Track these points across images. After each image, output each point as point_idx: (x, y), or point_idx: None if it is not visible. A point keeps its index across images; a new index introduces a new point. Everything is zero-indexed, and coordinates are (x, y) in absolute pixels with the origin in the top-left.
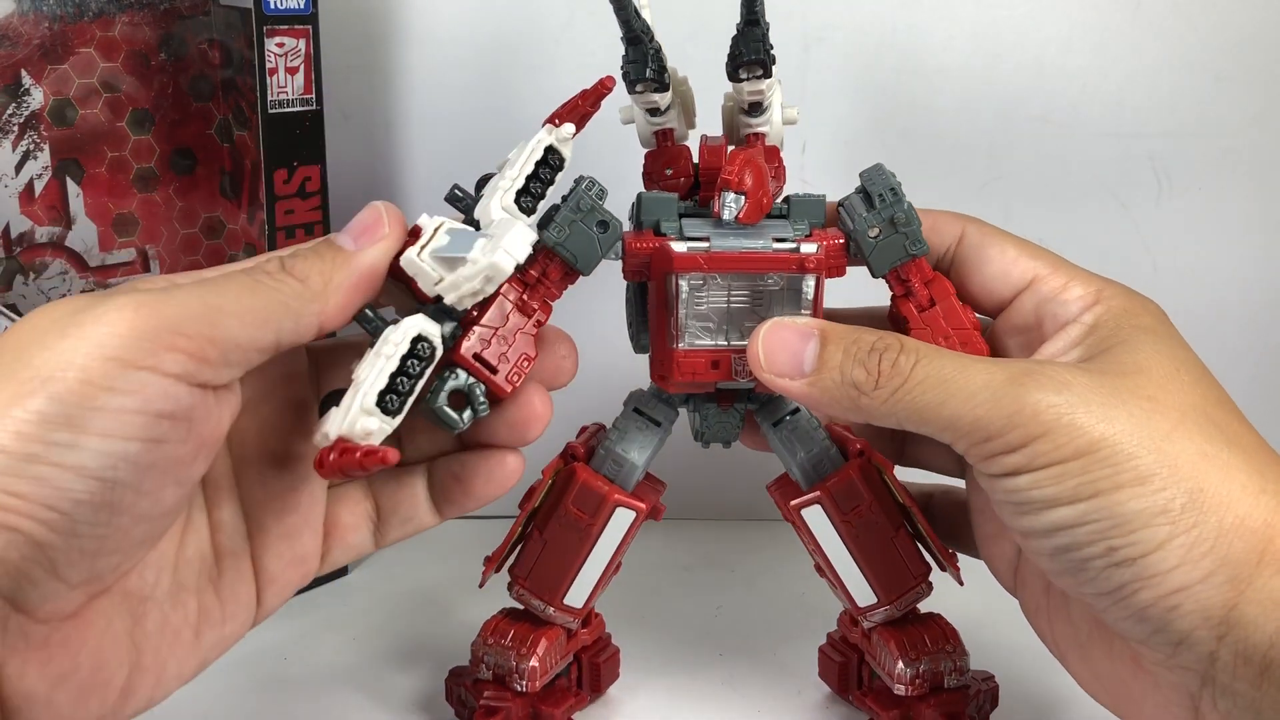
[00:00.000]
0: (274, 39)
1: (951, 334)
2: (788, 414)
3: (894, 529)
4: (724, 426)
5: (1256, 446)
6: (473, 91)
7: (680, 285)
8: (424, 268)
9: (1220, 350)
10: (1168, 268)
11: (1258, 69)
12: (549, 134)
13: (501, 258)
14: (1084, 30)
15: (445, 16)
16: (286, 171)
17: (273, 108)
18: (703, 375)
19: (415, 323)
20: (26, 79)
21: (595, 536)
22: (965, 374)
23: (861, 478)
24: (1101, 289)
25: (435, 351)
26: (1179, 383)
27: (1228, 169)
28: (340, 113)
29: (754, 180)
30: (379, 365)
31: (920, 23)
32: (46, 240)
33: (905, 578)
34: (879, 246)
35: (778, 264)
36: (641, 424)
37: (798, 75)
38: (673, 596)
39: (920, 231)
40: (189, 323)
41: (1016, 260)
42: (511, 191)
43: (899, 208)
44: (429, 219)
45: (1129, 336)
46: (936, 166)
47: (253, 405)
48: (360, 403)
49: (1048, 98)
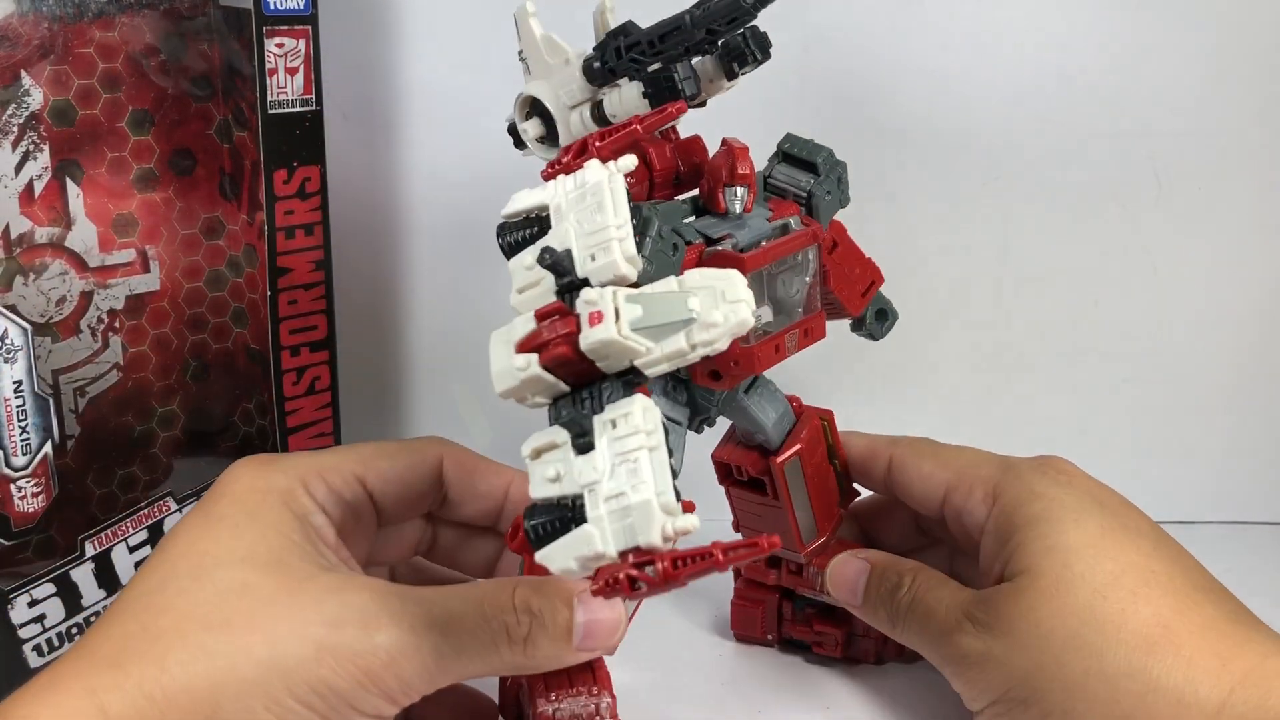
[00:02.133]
0: (274, 39)
1: (854, 265)
2: (754, 382)
3: (828, 466)
4: (729, 400)
5: (1147, 625)
6: (473, 91)
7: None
8: (630, 345)
9: (1220, 350)
10: (1167, 268)
11: (1258, 69)
12: (615, 170)
13: (745, 312)
14: (1084, 30)
15: (445, 17)
16: (286, 172)
17: (272, 108)
18: (773, 360)
19: (650, 407)
20: (26, 79)
21: None
22: (932, 618)
23: (818, 426)
24: (997, 483)
25: (669, 434)
26: (1068, 584)
27: (1228, 169)
28: (340, 113)
29: (753, 171)
30: (650, 459)
31: (920, 23)
32: (46, 241)
33: (834, 509)
34: (825, 205)
35: (802, 241)
36: (674, 430)
37: (797, 75)
38: (672, 596)
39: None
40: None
41: (931, 477)
42: (630, 240)
43: (841, 167)
44: (595, 293)
45: (1023, 539)
46: (936, 166)
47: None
48: (660, 502)
49: (1048, 98)
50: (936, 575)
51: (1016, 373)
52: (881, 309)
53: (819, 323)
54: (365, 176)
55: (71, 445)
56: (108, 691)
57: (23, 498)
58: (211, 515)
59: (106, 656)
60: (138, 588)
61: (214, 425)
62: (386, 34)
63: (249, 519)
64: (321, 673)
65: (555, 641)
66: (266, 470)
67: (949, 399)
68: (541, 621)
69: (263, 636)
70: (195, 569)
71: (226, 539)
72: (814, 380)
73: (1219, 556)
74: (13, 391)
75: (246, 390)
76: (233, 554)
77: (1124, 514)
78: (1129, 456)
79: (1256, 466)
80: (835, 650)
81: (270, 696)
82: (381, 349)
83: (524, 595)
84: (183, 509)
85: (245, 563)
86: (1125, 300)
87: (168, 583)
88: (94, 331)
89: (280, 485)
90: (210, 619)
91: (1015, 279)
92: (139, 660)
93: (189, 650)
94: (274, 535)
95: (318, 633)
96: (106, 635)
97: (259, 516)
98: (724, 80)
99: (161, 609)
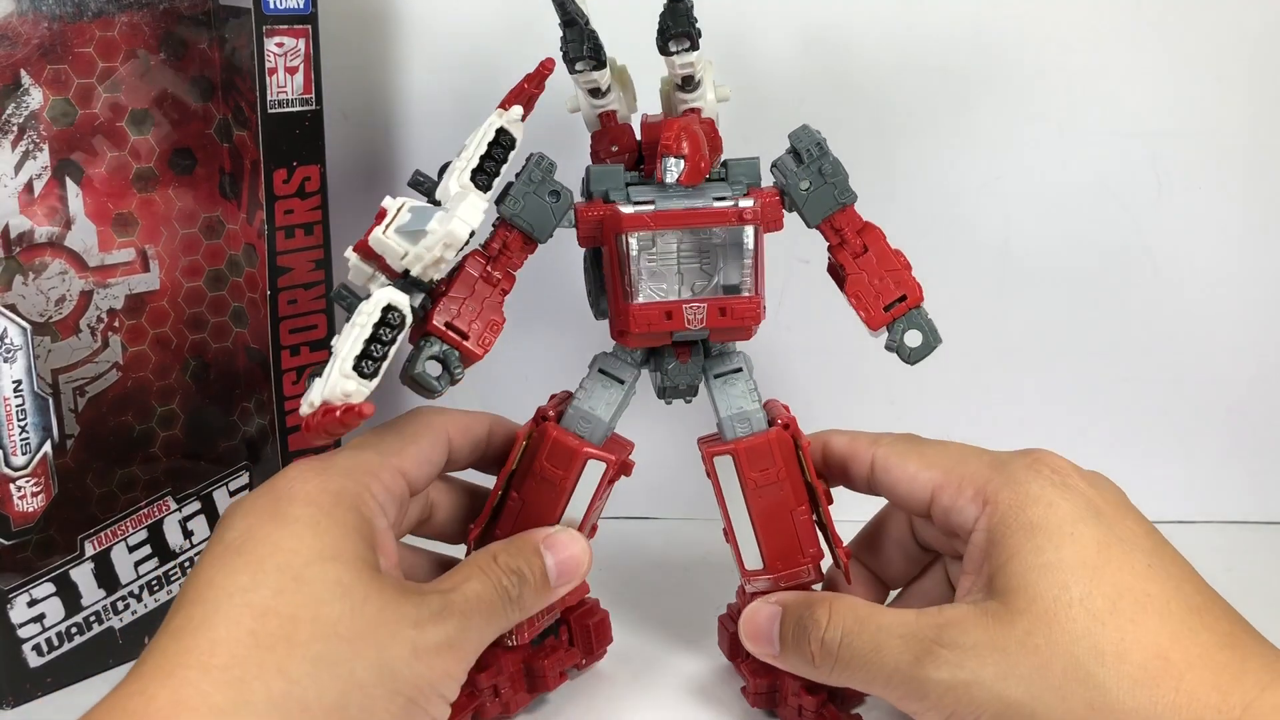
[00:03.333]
0: (274, 39)
1: (885, 275)
2: (731, 370)
3: (796, 504)
4: (684, 375)
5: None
6: (472, 91)
7: (630, 243)
8: (390, 244)
9: (1220, 350)
10: (1168, 268)
11: (1258, 69)
12: (499, 117)
13: (457, 225)
14: (1084, 30)
15: (445, 17)
16: (286, 171)
17: (272, 107)
18: (658, 325)
19: (385, 294)
20: (26, 79)
21: (570, 490)
22: (880, 655)
23: (777, 447)
24: (989, 482)
25: (405, 319)
26: (1066, 608)
27: (1228, 169)
28: (340, 113)
29: (690, 145)
30: (354, 334)
31: (920, 23)
32: (46, 240)
33: (795, 554)
34: (810, 198)
35: (719, 218)
36: (606, 382)
37: (797, 75)
38: (673, 596)
39: (848, 181)
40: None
41: (917, 476)
42: (467, 171)
43: (825, 160)
44: (392, 200)
45: (1017, 549)
46: (937, 166)
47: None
48: (339, 368)
49: (1048, 98)
50: (861, 604)
51: (1016, 372)
52: (917, 329)
53: (745, 306)
54: (365, 176)
55: (71, 445)
56: (237, 711)
57: (22, 497)
58: (287, 516)
59: (223, 667)
60: (225, 584)
61: (213, 424)
62: (386, 34)
63: (329, 520)
64: (419, 669)
65: (538, 590)
66: (329, 474)
67: (948, 398)
68: (524, 576)
69: (370, 642)
70: (286, 566)
71: (309, 538)
72: (811, 378)
73: (1219, 556)
74: (12, 391)
75: (246, 390)
76: (320, 553)
77: (1118, 522)
78: (1129, 456)
79: (1256, 466)
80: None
81: (387, 697)
82: None
83: (505, 560)
84: (182, 508)
85: (335, 560)
86: (1125, 300)
87: (260, 582)
88: (93, 331)
89: (350, 490)
90: (317, 624)
91: (1015, 278)
92: (259, 671)
93: (309, 660)
94: (354, 535)
95: (410, 633)
96: (212, 640)
97: (337, 518)
98: (668, 59)
99: (263, 611)
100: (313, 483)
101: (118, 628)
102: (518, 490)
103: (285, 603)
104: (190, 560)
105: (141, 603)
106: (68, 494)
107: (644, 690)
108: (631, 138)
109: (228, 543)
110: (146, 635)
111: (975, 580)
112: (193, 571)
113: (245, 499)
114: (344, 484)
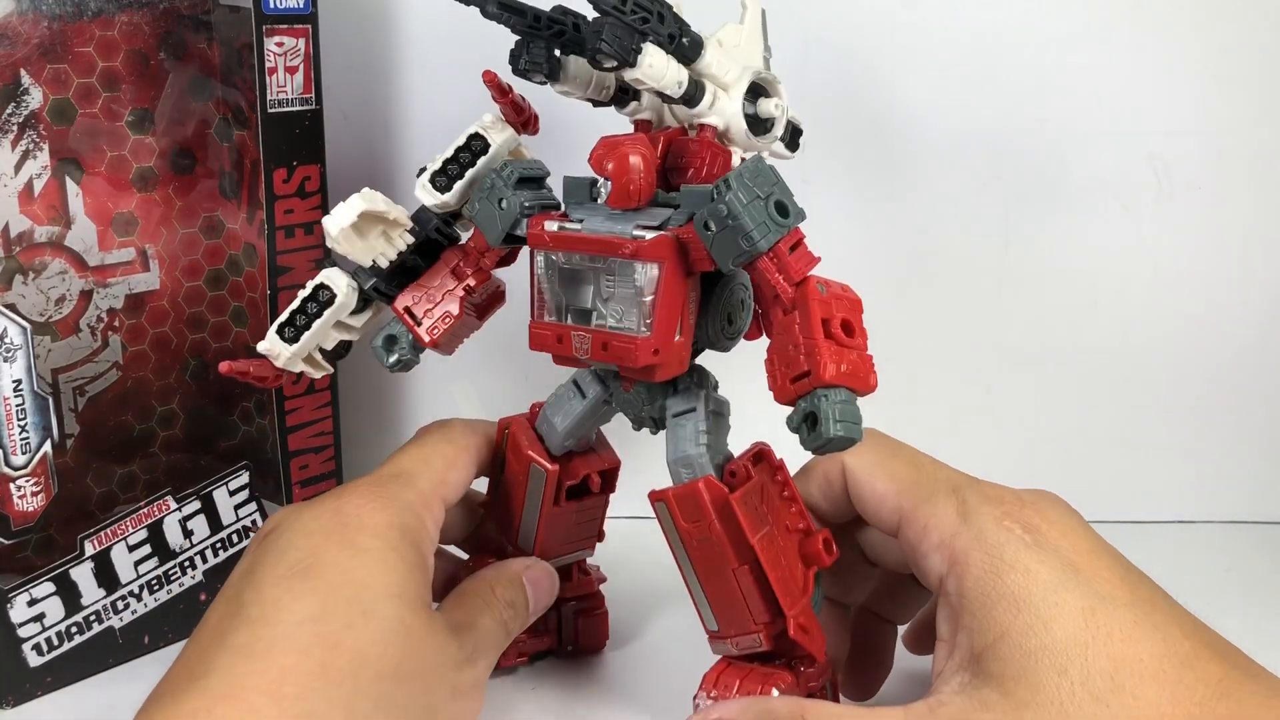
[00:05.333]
0: (274, 38)
1: (800, 343)
2: (685, 411)
3: (737, 563)
4: (629, 404)
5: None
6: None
7: (537, 260)
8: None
9: (1219, 350)
10: (1167, 268)
11: (1258, 69)
12: (477, 123)
13: (326, 220)
14: (1084, 30)
15: (445, 17)
16: (286, 171)
17: (272, 107)
18: (550, 347)
19: (323, 274)
20: (26, 78)
21: (524, 488)
22: None
23: (709, 498)
24: (956, 537)
25: (334, 297)
26: (1069, 695)
27: (1228, 169)
28: (340, 113)
29: (616, 167)
30: (291, 304)
31: (920, 23)
32: (46, 240)
33: (742, 618)
34: (715, 242)
35: (609, 248)
36: (571, 393)
37: (797, 75)
38: (673, 596)
39: (758, 228)
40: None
41: (885, 500)
42: (428, 173)
43: (721, 202)
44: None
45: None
46: (937, 166)
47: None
48: (271, 330)
49: (1048, 98)
50: (837, 712)
51: (1016, 372)
52: (813, 414)
53: (628, 347)
54: (365, 176)
55: (71, 444)
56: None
57: (22, 497)
58: (357, 546)
59: (293, 698)
60: (294, 608)
61: (213, 424)
62: (386, 34)
63: (396, 556)
64: (454, 709)
65: (520, 615)
66: (393, 508)
67: (948, 398)
68: (516, 608)
69: (421, 684)
70: (357, 600)
71: (379, 573)
72: None
73: (1219, 556)
74: (12, 390)
75: (246, 389)
76: (388, 589)
77: (1096, 578)
78: (1129, 456)
79: (1256, 466)
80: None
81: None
82: None
83: (502, 592)
84: (182, 508)
85: (399, 600)
86: (1125, 300)
87: (331, 614)
88: (93, 330)
89: (413, 526)
90: (382, 663)
91: (1015, 279)
92: (328, 706)
93: (373, 699)
94: (418, 575)
95: (451, 676)
96: (282, 667)
97: (402, 554)
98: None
99: (333, 645)
100: (380, 516)
101: (118, 627)
102: (500, 474)
103: (356, 638)
104: (190, 561)
105: (141, 602)
106: (68, 493)
107: (644, 690)
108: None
109: (291, 563)
110: (146, 635)
111: (953, 652)
112: (247, 582)
113: (302, 515)
114: (408, 520)
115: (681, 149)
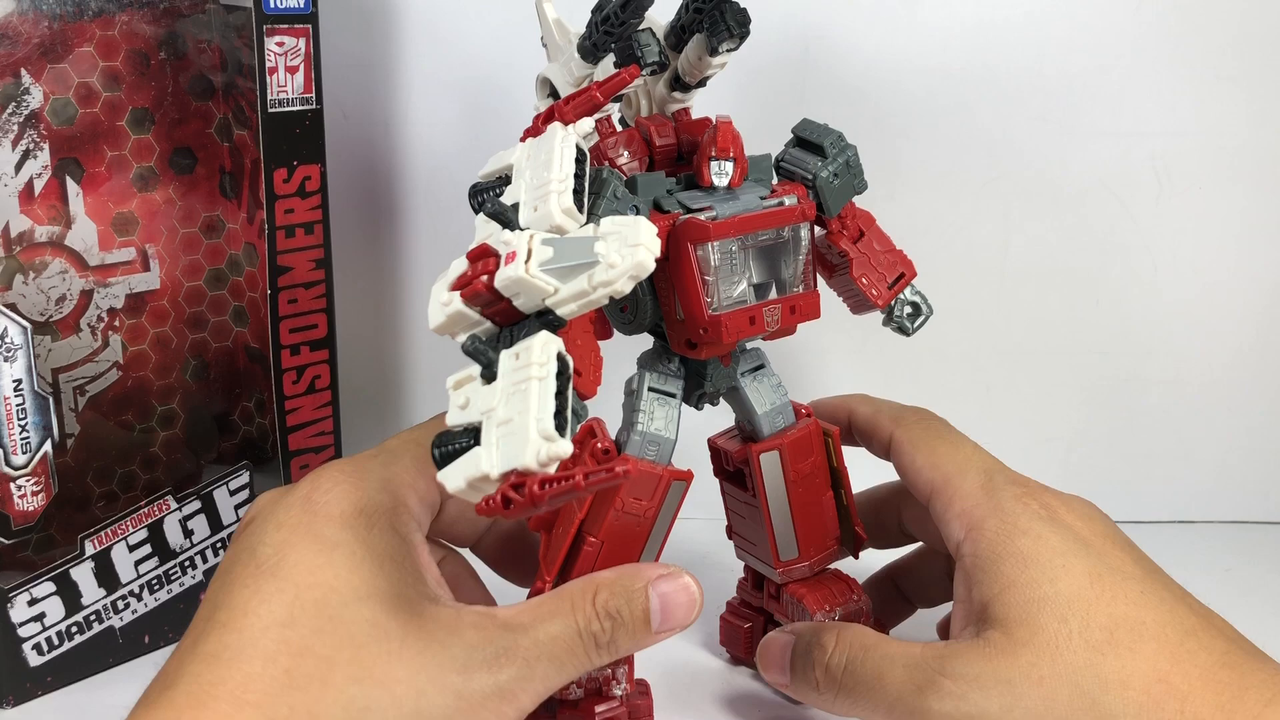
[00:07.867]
0: (274, 38)
1: (882, 255)
2: (757, 367)
3: (825, 489)
4: (725, 378)
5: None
6: (473, 91)
7: (698, 255)
8: (536, 283)
9: (1220, 350)
10: (1168, 267)
11: (1258, 69)
12: (571, 132)
13: (644, 256)
14: (1084, 30)
15: (445, 17)
16: (286, 171)
17: (273, 107)
18: (746, 331)
19: (549, 340)
20: (26, 78)
21: (655, 517)
22: (882, 682)
23: (816, 437)
24: (976, 507)
25: (569, 366)
26: (1066, 640)
27: (1228, 169)
28: (340, 112)
29: (737, 148)
30: (537, 389)
31: (920, 23)
32: (46, 239)
33: (825, 538)
34: (838, 189)
35: (786, 218)
36: (662, 400)
37: (798, 75)
38: None
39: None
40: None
41: (920, 473)
42: (568, 193)
43: (851, 151)
44: (513, 235)
45: (1012, 580)
46: (936, 166)
47: None
48: (538, 430)
49: (1048, 98)
50: (869, 634)
51: (1016, 372)
52: (915, 303)
53: (810, 301)
54: (365, 176)
55: (71, 444)
56: None
57: (22, 496)
58: (324, 540)
59: (255, 704)
60: (260, 613)
61: (214, 424)
62: (386, 34)
63: (364, 548)
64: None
65: (635, 632)
66: (364, 488)
67: (949, 398)
68: (621, 619)
69: (407, 688)
70: (322, 604)
71: (345, 572)
72: (812, 375)
73: (1219, 556)
74: (12, 390)
75: (246, 389)
76: (356, 590)
77: (1108, 553)
78: (1129, 456)
79: (1256, 466)
80: None
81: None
82: (381, 348)
83: (604, 600)
84: (182, 508)
85: (371, 599)
86: (1125, 300)
87: (298, 619)
88: (94, 330)
89: (386, 507)
90: (352, 667)
91: (1015, 278)
92: (289, 712)
93: (341, 705)
94: (390, 565)
95: (454, 680)
96: (246, 674)
97: (372, 544)
98: (710, 59)
99: (299, 650)
100: (348, 501)
101: (118, 627)
102: (593, 534)
103: (322, 643)
104: (190, 560)
105: (141, 602)
106: (68, 493)
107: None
108: (641, 143)
109: (260, 561)
110: (146, 634)
111: (968, 609)
112: (221, 582)
113: (277, 503)
114: (380, 500)
115: (686, 130)
